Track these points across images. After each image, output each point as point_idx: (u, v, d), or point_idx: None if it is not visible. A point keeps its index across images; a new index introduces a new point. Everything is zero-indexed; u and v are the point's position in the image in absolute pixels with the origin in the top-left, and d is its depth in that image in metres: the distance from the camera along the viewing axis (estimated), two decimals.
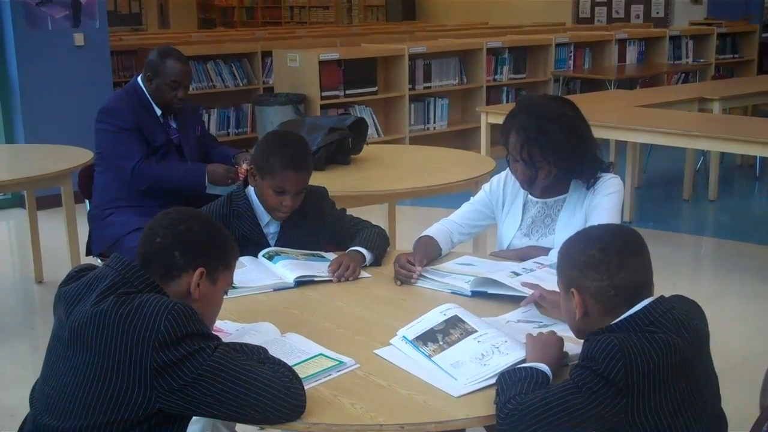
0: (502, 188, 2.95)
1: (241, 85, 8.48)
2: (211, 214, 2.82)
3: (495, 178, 3.00)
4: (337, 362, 2.02)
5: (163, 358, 1.72)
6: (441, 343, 2.08)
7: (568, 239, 2.03)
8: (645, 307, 1.85)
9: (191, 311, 1.78)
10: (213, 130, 8.02)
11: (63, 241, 4.86)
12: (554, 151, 2.67)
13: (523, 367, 1.87)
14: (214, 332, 2.19)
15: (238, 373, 1.76)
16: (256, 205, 2.87)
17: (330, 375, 1.97)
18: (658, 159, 8.42)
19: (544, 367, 1.87)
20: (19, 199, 6.77)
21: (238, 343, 1.94)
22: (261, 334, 2.16)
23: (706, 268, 5.75)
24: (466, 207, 3.01)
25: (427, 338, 2.11)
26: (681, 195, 7.26)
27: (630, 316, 1.84)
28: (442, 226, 2.94)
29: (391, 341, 2.16)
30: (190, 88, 5.59)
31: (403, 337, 2.14)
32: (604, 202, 2.73)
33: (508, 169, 2.91)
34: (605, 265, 1.88)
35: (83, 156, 4.70)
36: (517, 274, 2.53)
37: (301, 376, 1.89)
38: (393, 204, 4.92)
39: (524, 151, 2.68)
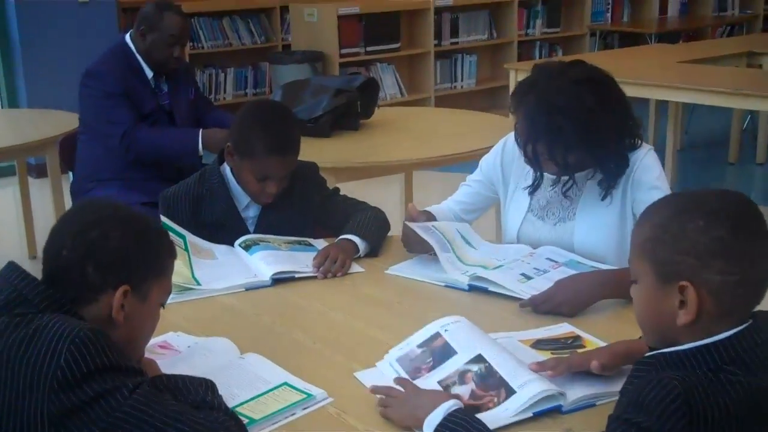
0: (500, 165, 2.43)
1: (258, 42, 8.08)
2: (179, 195, 2.46)
3: (485, 159, 2.49)
4: (305, 395, 1.61)
5: (65, 402, 1.32)
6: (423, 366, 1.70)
7: (661, 207, 1.42)
8: (733, 335, 1.33)
9: (102, 338, 1.36)
10: (229, 90, 7.70)
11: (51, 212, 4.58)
12: (564, 150, 2.13)
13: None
14: (160, 348, 1.80)
15: (162, 422, 1.35)
16: (233, 185, 2.47)
17: (294, 414, 1.57)
18: (701, 119, 7.98)
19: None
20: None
21: (173, 376, 1.52)
22: (215, 355, 1.76)
23: None
24: (463, 190, 2.54)
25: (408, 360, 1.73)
26: (726, 158, 6.89)
27: (706, 345, 1.33)
28: (445, 208, 2.52)
29: (377, 363, 1.75)
30: (206, 46, 5.23)
31: (390, 363, 1.74)
32: (658, 191, 2.15)
33: (502, 140, 2.44)
34: (738, 253, 1.34)
35: (70, 121, 4.31)
36: (529, 278, 2.12)
37: (257, 416, 1.51)
38: (410, 171, 4.50)
39: (528, 147, 2.17)
